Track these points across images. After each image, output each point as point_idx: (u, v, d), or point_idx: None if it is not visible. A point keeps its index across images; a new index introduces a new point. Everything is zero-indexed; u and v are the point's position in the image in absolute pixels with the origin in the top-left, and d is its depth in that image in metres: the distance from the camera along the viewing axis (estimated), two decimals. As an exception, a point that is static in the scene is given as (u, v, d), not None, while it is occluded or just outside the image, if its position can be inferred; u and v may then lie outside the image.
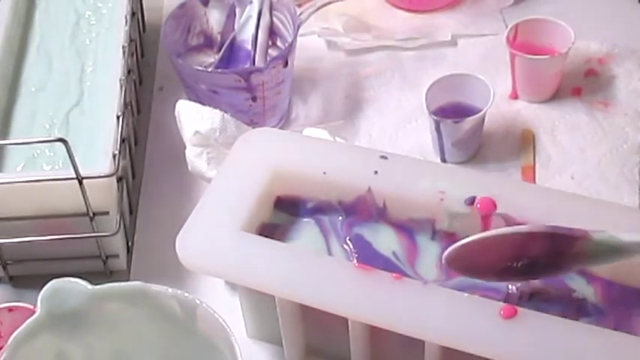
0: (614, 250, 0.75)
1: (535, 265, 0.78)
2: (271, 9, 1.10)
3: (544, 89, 1.11)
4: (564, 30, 1.08)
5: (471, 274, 0.80)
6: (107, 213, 0.92)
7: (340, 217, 0.88)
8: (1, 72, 1.02)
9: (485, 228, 0.83)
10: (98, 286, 0.77)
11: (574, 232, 0.76)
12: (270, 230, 0.87)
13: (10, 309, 0.86)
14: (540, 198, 0.84)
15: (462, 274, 0.80)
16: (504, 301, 0.78)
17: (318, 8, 1.25)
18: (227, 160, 0.90)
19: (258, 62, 1.08)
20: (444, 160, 1.05)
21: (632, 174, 1.02)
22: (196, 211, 0.85)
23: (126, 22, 1.05)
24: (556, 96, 1.11)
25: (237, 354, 0.72)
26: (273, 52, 1.11)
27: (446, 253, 0.78)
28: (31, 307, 0.83)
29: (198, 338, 0.78)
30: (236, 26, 1.12)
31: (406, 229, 0.86)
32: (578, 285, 0.81)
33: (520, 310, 0.75)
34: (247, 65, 1.09)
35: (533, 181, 1.02)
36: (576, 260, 0.77)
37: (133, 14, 1.11)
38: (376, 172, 0.86)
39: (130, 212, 1.02)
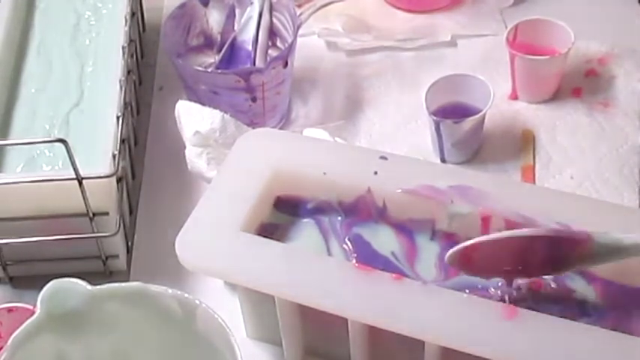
0: (616, 252, 0.76)
1: (537, 265, 0.78)
2: (271, 9, 1.10)
3: (544, 89, 1.11)
4: (564, 30, 1.08)
5: (473, 273, 0.80)
6: (107, 213, 0.92)
7: (340, 218, 0.87)
8: (1, 72, 1.02)
9: (485, 228, 0.83)
10: (98, 287, 0.77)
11: (577, 235, 0.76)
12: (269, 230, 0.87)
13: (9, 309, 0.85)
14: (540, 198, 0.84)
15: (464, 273, 0.80)
16: (504, 301, 0.78)
17: (318, 9, 1.24)
18: (227, 161, 0.89)
19: (259, 63, 1.08)
20: (443, 161, 1.05)
21: (632, 174, 1.02)
22: (196, 211, 0.85)
23: (126, 23, 1.05)
24: (556, 96, 1.11)
25: (237, 354, 0.72)
26: (273, 53, 1.11)
27: (448, 253, 0.78)
28: (31, 307, 0.83)
29: (198, 339, 0.78)
30: (236, 27, 1.12)
31: (406, 229, 0.86)
32: (578, 285, 0.81)
33: (520, 310, 0.75)
34: (247, 66, 1.09)
35: (533, 181, 1.02)
36: (578, 261, 0.77)
37: (133, 14, 1.11)
38: (376, 173, 0.86)
39: (130, 212, 1.02)
